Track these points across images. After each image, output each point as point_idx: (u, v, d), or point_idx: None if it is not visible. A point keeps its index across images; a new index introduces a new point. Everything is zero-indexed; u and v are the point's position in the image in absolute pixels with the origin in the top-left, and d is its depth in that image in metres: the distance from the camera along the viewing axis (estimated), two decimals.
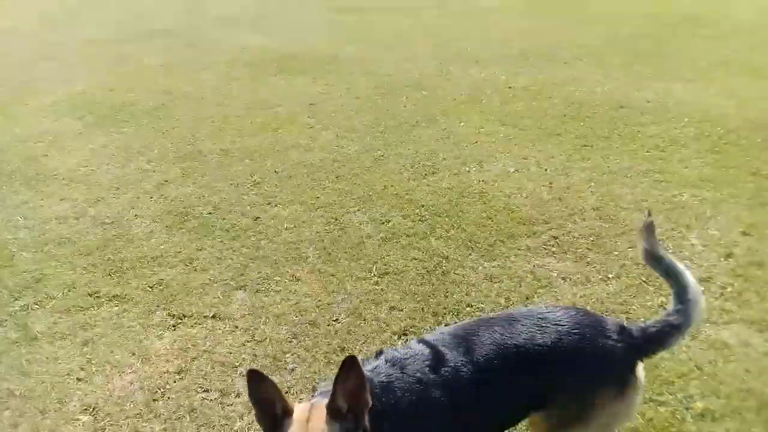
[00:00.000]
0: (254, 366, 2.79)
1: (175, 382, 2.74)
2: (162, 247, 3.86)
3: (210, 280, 3.49)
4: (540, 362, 1.76)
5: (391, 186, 4.47)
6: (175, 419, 2.54)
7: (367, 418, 1.53)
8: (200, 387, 2.71)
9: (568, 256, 3.60)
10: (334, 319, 3.09)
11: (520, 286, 3.33)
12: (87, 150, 5.49)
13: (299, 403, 1.58)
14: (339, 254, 3.65)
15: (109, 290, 3.43)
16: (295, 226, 4.01)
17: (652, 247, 1.93)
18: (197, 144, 5.47)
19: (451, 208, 4.14)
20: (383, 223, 3.97)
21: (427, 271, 3.47)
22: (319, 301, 3.22)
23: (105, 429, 2.52)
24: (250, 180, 4.70)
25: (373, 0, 12.43)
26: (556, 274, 3.44)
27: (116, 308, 3.28)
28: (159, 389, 2.70)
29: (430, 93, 6.48)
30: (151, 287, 3.45)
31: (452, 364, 1.73)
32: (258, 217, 4.15)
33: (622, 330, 1.81)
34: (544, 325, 1.80)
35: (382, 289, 3.30)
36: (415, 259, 3.57)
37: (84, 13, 13.06)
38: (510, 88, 6.52)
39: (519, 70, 7.17)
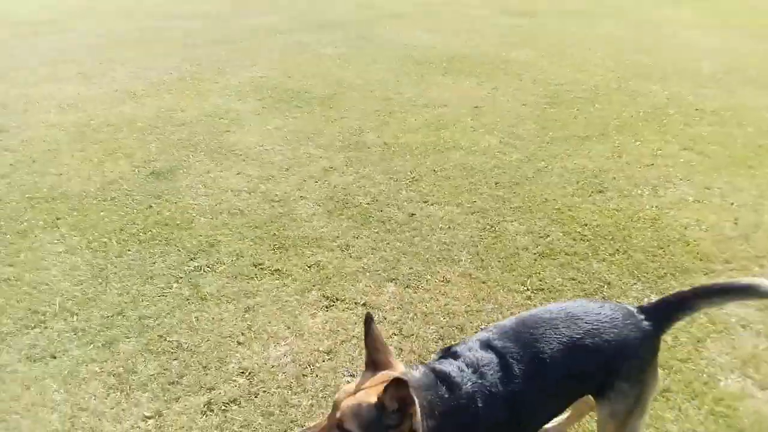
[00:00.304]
0: (399, 358, 2.81)
1: (324, 361, 2.84)
2: (322, 230, 4.03)
3: (363, 268, 3.58)
4: (603, 357, 1.84)
5: (553, 200, 4.28)
6: (321, 397, 2.63)
7: (416, 422, 1.54)
8: (346, 370, 2.78)
9: (750, 303, 3.19)
10: (482, 327, 3.01)
11: (691, 327, 3.02)
12: (263, 130, 5.90)
13: (404, 365, 1.72)
14: (492, 262, 3.56)
15: (272, 264, 3.65)
16: (449, 228, 3.99)
17: None
18: (362, 135, 5.65)
19: (618, 232, 3.86)
20: (541, 237, 3.81)
21: (586, 294, 3.27)
22: (468, 306, 3.17)
23: (258, 394, 2.68)
24: (408, 176, 4.76)
25: (547, 4, 12.08)
26: (734, 320, 3.07)
27: (277, 281, 3.48)
28: (309, 365, 2.82)
29: (604, 106, 6.12)
30: (309, 267, 3.61)
31: (520, 377, 1.77)
32: (413, 214, 4.18)
33: (644, 310, 1.95)
34: (604, 320, 1.87)
35: (534, 304, 3.17)
36: (573, 280, 3.38)
37: (263, 3, 14.11)
38: (696, 110, 5.94)
39: (708, 91, 6.52)
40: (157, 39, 10.37)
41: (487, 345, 1.82)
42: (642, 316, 1.91)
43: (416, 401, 1.52)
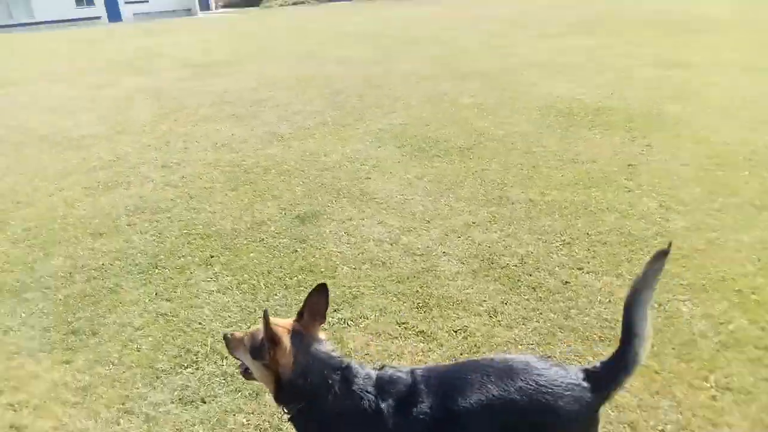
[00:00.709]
0: None
1: None
2: (467, 291, 3.84)
3: (515, 339, 3.32)
4: (530, 416, 1.74)
5: (731, 279, 3.78)
6: None
7: (281, 365, 1.82)
8: None
9: None
10: (660, 428, 2.63)
11: None
12: (404, 179, 5.89)
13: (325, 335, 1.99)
14: (665, 348, 3.15)
15: (416, 324, 3.51)
16: (609, 301, 3.63)
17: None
18: (505, 190, 5.43)
19: None
20: (722, 323, 3.33)
21: None
22: (641, 400, 2.79)
23: None
24: (559, 238, 4.46)
25: (702, 55, 11.27)
26: None
27: (422, 344, 3.32)
28: None
29: None
30: (455, 331, 3.42)
31: (419, 411, 1.78)
32: (567, 282, 3.87)
33: (590, 374, 1.81)
34: (541, 380, 1.77)
35: (722, 407, 2.73)
36: None
37: (405, 50, 14.47)
38: None
39: None
40: (304, 83, 10.95)
41: (412, 371, 1.89)
42: (586, 384, 1.79)
43: (284, 347, 1.80)
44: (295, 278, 4.13)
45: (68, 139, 8.19)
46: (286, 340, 1.82)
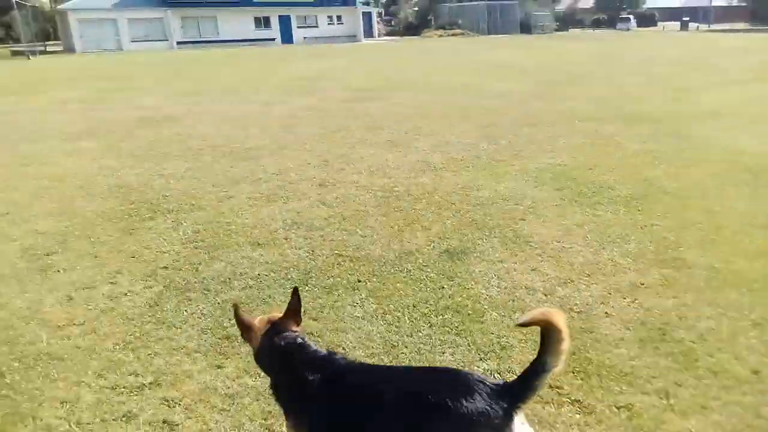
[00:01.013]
0: None
1: None
2: (632, 363, 3.41)
3: (691, 431, 2.87)
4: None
5: None
6: None
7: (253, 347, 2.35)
8: None
9: None
10: None
11: None
12: (562, 225, 5.52)
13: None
14: None
15: (572, 392, 3.17)
16: None
17: None
18: (681, 251, 4.86)
19: None
20: None
21: None
22: None
23: None
24: (747, 317, 3.85)
25: None
26: None
27: (578, 416, 2.98)
28: None
29: None
30: (618, 408, 3.03)
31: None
32: (758, 371, 3.28)
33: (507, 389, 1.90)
34: (451, 387, 1.88)
35: None
36: None
37: (567, 87, 13.92)
38: None
39: None
40: (459, 114, 10.91)
41: (347, 363, 2.23)
42: (497, 402, 1.84)
43: (254, 331, 2.30)
44: (441, 317, 3.96)
45: (239, 150, 8.83)
46: (258, 325, 2.31)
